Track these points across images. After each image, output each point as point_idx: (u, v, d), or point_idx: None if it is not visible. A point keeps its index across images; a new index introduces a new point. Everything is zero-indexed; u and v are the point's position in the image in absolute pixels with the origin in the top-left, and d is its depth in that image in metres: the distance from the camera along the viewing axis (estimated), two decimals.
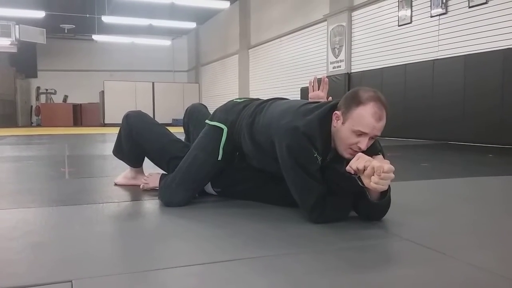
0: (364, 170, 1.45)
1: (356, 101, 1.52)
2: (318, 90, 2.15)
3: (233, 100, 2.04)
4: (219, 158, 1.89)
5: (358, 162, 1.47)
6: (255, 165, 1.90)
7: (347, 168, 1.50)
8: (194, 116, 2.23)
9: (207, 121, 1.98)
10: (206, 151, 1.90)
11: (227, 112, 1.94)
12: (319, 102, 1.75)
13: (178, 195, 1.90)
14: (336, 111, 1.58)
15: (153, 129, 2.17)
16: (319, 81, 2.16)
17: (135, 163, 2.34)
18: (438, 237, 1.46)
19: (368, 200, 1.54)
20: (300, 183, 1.60)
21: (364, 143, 1.52)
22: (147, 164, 2.31)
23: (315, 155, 1.56)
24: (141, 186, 2.25)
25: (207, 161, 1.90)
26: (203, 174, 1.93)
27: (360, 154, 1.50)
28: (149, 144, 2.14)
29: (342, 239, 1.42)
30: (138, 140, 2.14)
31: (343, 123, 1.55)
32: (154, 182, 2.17)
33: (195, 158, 1.91)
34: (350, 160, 1.54)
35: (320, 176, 1.59)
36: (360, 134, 1.51)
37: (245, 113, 1.86)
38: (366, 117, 1.49)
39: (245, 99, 2.00)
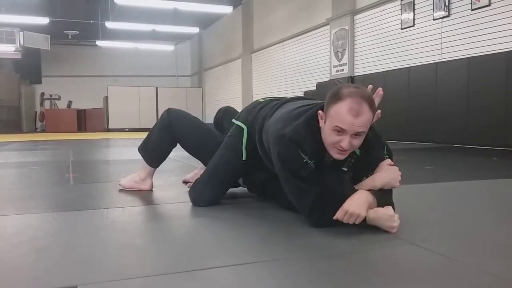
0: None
1: (335, 98, 1.49)
2: None
3: (257, 100, 2.07)
4: (244, 158, 1.92)
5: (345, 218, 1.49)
6: (269, 167, 1.91)
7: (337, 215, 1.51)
8: (229, 114, 2.29)
9: (233, 120, 2.03)
10: (232, 151, 1.95)
11: (248, 112, 1.98)
12: (316, 102, 1.72)
13: (205, 193, 1.95)
14: (319, 111, 1.57)
15: (196, 121, 2.27)
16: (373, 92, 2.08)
17: (155, 160, 2.34)
18: (444, 241, 1.45)
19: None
20: (295, 188, 1.60)
21: (345, 141, 1.48)
22: (157, 170, 2.32)
23: (305, 160, 1.55)
24: (187, 185, 2.33)
25: (233, 160, 1.94)
26: (229, 173, 1.98)
27: (349, 211, 1.49)
28: (193, 134, 2.20)
29: (347, 244, 1.41)
30: (180, 130, 2.19)
31: (325, 121, 1.53)
32: None
33: (221, 158, 1.96)
34: (353, 164, 1.54)
35: (316, 178, 1.57)
36: (340, 131, 1.48)
37: (259, 116, 1.88)
38: (342, 114, 1.45)
39: (265, 99, 2.02)
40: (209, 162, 2.13)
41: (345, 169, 1.65)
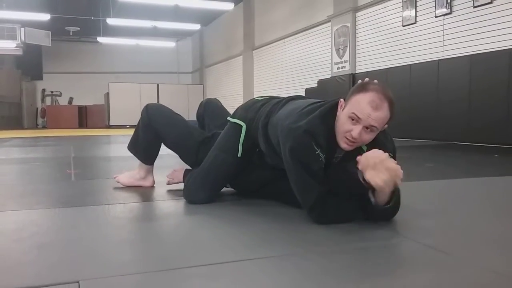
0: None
1: (360, 88, 1.55)
2: None
3: (254, 98, 2.07)
4: (239, 155, 1.92)
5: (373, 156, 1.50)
6: (270, 163, 1.92)
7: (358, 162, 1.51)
8: (210, 108, 2.30)
9: (228, 118, 2.02)
10: (226, 150, 1.95)
11: (246, 110, 1.97)
12: (327, 100, 1.75)
13: (200, 194, 1.96)
14: (341, 99, 1.61)
15: (175, 118, 2.23)
16: None
17: (148, 157, 2.34)
18: (444, 238, 1.45)
19: (373, 206, 1.54)
20: (301, 183, 1.60)
21: (356, 130, 1.51)
22: (157, 165, 2.31)
23: (317, 152, 1.56)
24: (166, 182, 2.33)
25: (227, 159, 1.94)
26: (224, 172, 1.98)
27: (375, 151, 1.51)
28: (171, 133, 2.19)
29: (350, 240, 1.42)
30: (158, 128, 2.18)
31: (343, 109, 1.57)
32: (179, 177, 2.25)
33: (215, 158, 1.96)
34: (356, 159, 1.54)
35: (323, 176, 1.58)
36: (354, 119, 1.51)
37: (262, 112, 1.88)
38: (362, 103, 1.50)
39: (264, 97, 2.02)
40: (188, 161, 2.19)
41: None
